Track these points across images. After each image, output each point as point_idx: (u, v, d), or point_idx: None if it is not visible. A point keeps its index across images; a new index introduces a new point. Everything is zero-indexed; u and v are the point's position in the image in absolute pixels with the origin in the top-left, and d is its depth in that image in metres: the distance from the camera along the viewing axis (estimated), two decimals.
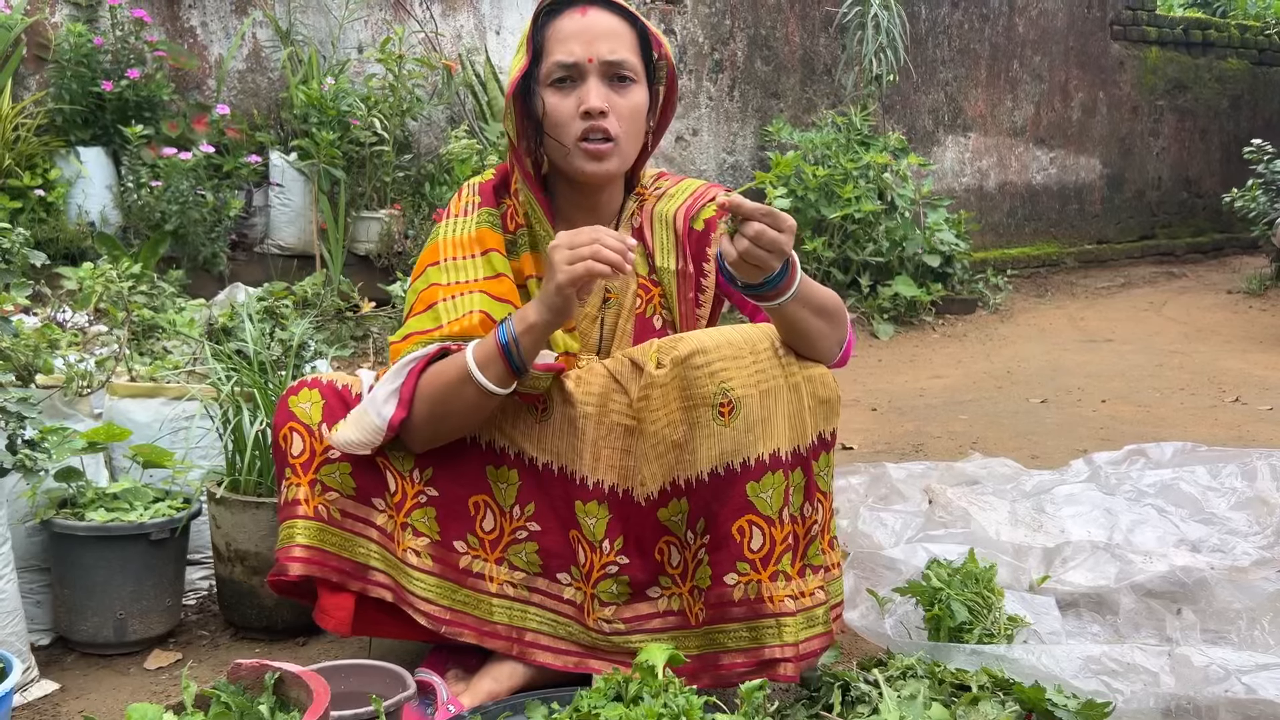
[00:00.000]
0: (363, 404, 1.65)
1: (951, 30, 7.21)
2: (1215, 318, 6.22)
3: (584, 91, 1.66)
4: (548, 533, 1.68)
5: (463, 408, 1.61)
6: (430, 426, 1.64)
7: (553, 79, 1.68)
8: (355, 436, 1.64)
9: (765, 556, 1.53)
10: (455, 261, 1.73)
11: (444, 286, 1.71)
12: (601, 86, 1.66)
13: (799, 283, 1.52)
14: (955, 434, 3.62)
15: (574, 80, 1.67)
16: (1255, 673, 1.58)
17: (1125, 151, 8.34)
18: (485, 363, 1.58)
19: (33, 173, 3.99)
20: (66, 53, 4.17)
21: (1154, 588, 2.00)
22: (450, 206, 1.79)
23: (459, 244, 1.74)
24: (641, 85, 1.70)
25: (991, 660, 1.60)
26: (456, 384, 1.59)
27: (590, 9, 1.68)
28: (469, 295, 1.69)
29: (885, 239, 5.79)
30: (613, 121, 1.66)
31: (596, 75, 1.66)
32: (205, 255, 4.29)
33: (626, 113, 1.68)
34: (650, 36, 1.72)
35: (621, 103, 1.67)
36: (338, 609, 1.68)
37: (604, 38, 1.66)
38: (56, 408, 2.08)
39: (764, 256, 1.45)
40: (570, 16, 1.68)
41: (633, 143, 1.71)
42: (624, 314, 1.76)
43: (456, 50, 5.29)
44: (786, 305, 1.52)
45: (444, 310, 1.68)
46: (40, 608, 1.96)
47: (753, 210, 1.44)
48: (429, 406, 1.62)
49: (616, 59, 1.66)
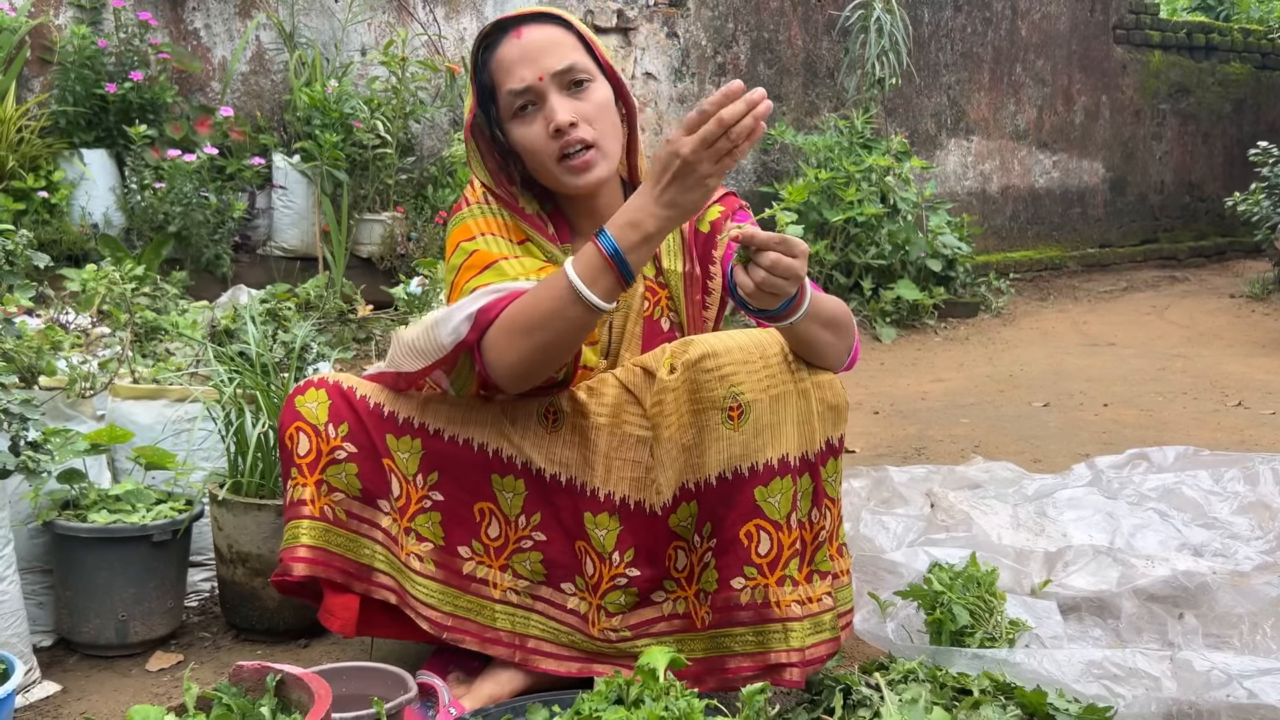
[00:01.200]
0: (435, 315, 1.56)
1: (954, 34, 7.21)
2: (1218, 322, 6.22)
3: (548, 111, 1.64)
4: (553, 543, 1.67)
5: (562, 331, 1.50)
6: (518, 357, 1.53)
7: (513, 110, 1.67)
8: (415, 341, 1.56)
9: (773, 561, 1.52)
10: (493, 238, 1.69)
11: (495, 254, 1.66)
12: (563, 99, 1.64)
13: (810, 300, 1.51)
14: (957, 437, 3.62)
15: (534, 104, 1.65)
16: (1257, 678, 1.58)
17: (1128, 155, 8.34)
18: (592, 277, 1.47)
19: (36, 175, 4.00)
20: (70, 55, 4.18)
21: (1156, 592, 2.00)
22: (466, 195, 1.76)
23: (491, 224, 1.71)
24: (599, 81, 1.68)
25: (993, 664, 1.60)
26: (557, 305, 1.48)
27: (524, 29, 1.67)
28: (527, 261, 1.66)
29: (887, 242, 5.79)
30: (585, 129, 1.65)
31: (554, 89, 1.64)
32: (208, 257, 4.30)
33: (594, 113, 1.66)
34: (585, 38, 1.70)
35: (586, 106, 1.65)
36: (343, 610, 1.68)
37: (546, 51, 1.64)
38: (59, 409, 2.09)
39: (781, 284, 1.42)
40: (508, 44, 1.66)
41: (613, 140, 1.70)
42: (632, 316, 1.76)
43: (459, 53, 5.29)
44: (798, 323, 1.51)
45: (509, 268, 1.63)
46: (42, 609, 1.96)
47: (767, 240, 1.41)
48: (520, 337, 1.51)
49: (565, 65, 1.64)
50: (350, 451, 1.68)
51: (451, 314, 1.53)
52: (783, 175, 6.38)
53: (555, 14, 1.70)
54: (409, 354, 1.59)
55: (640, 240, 1.46)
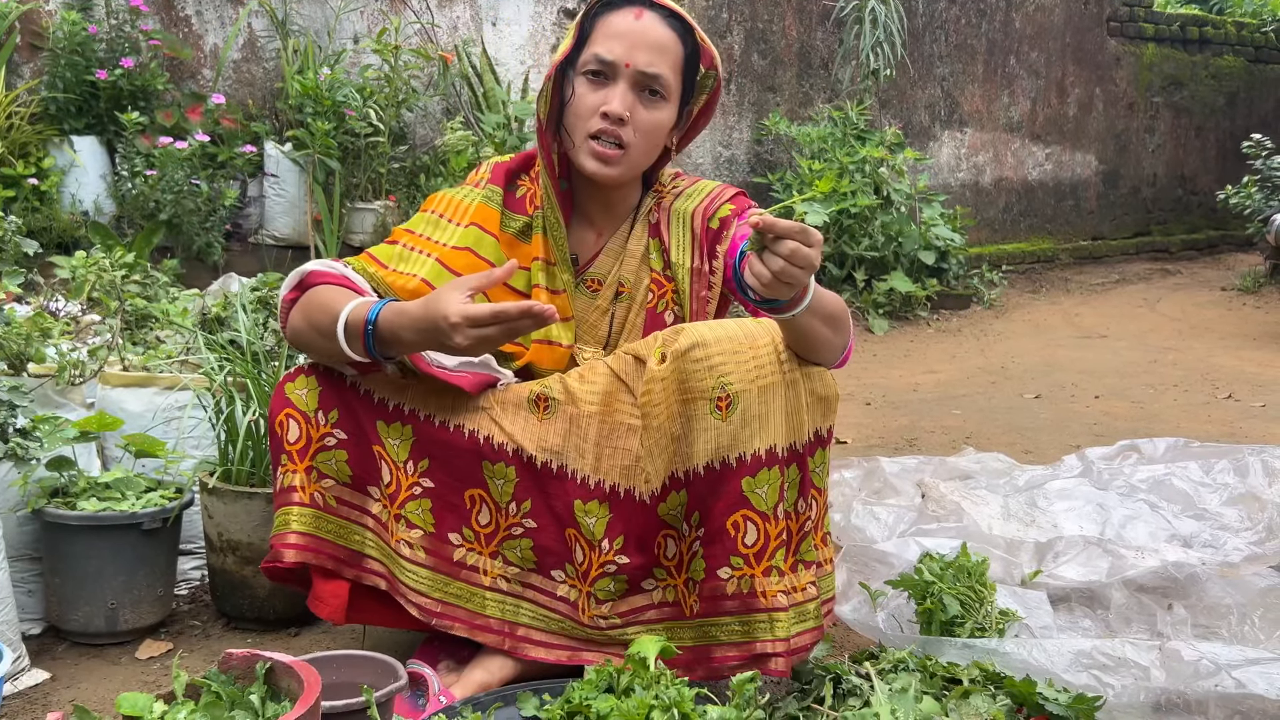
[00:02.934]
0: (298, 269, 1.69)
1: (949, 25, 7.21)
2: (1209, 315, 6.23)
3: (610, 92, 1.67)
4: (543, 530, 1.67)
5: (327, 347, 1.60)
6: (294, 333, 1.66)
7: (587, 69, 1.71)
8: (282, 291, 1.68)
9: (759, 551, 1.52)
10: (440, 219, 1.80)
11: (414, 236, 1.78)
12: (629, 94, 1.68)
13: (813, 293, 1.50)
14: (949, 429, 3.62)
15: (606, 77, 1.69)
16: (1245, 667, 1.59)
17: (1121, 148, 8.35)
18: (352, 334, 1.56)
19: (26, 161, 3.98)
20: (61, 41, 4.16)
21: (1145, 583, 2.01)
22: (468, 177, 1.85)
23: (452, 204, 1.81)
24: (670, 104, 1.73)
25: (983, 654, 1.61)
26: (330, 326, 1.57)
27: (646, 13, 1.70)
28: (423, 257, 1.75)
29: (881, 234, 5.79)
30: (629, 131, 1.68)
31: (627, 81, 1.68)
32: (199, 245, 4.28)
33: (646, 126, 1.70)
34: (702, 51, 1.75)
35: (644, 116, 1.70)
36: (333, 596, 1.68)
37: (647, 48, 1.68)
38: (49, 397, 2.08)
39: (797, 274, 1.41)
40: (624, 14, 1.70)
41: (645, 155, 1.74)
42: (635, 308, 1.78)
43: (453, 41, 5.27)
44: (800, 316, 1.50)
45: (397, 255, 1.76)
46: (32, 597, 1.96)
47: (788, 229, 1.39)
48: (303, 318, 1.63)
49: (652, 72, 1.68)
50: (340, 438, 1.68)
51: (297, 272, 1.66)
52: (776, 166, 6.38)
53: (684, 19, 1.74)
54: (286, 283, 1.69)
55: (391, 340, 1.54)
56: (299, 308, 1.64)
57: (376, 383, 1.70)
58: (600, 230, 1.82)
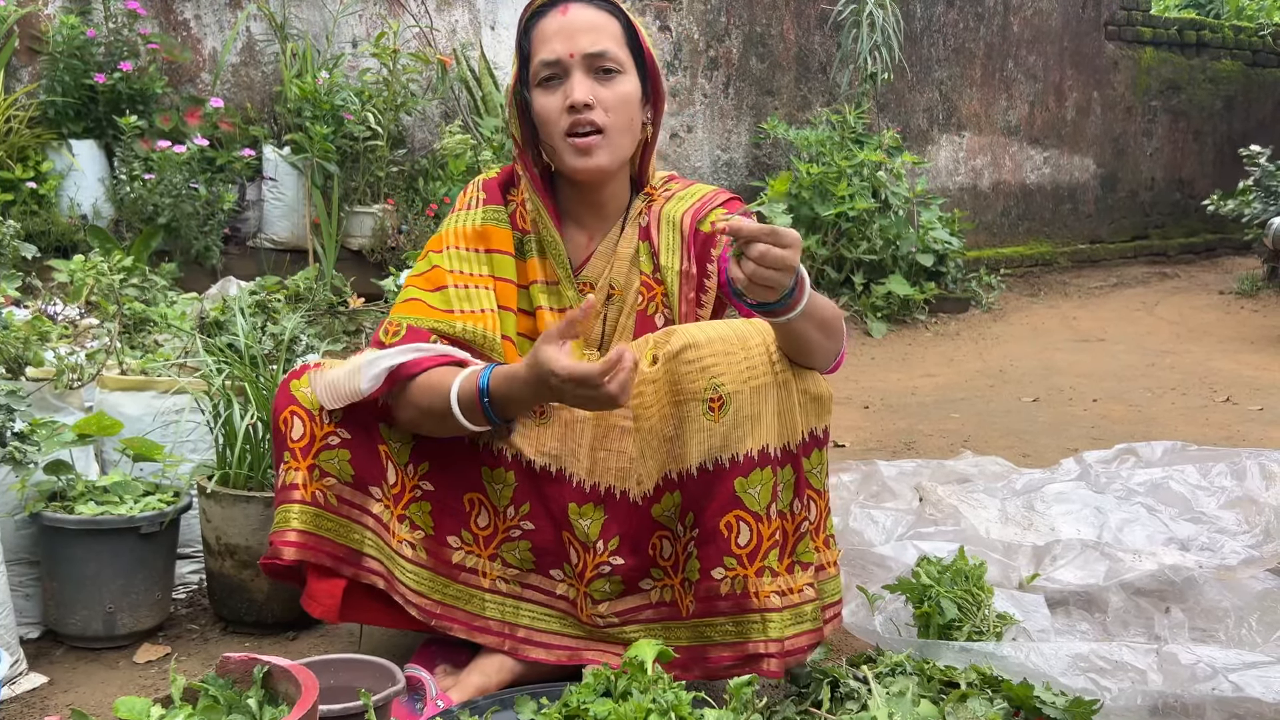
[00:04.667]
0: (359, 360, 1.64)
1: (946, 29, 7.22)
2: (1207, 318, 6.24)
3: (569, 86, 1.68)
4: (541, 532, 1.68)
5: (449, 428, 1.62)
6: (410, 422, 1.66)
7: (540, 79, 1.71)
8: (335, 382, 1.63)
9: (752, 552, 1.53)
10: (459, 251, 1.76)
11: (451, 273, 1.74)
12: (586, 80, 1.68)
13: (808, 298, 1.50)
14: (947, 432, 3.62)
15: (559, 78, 1.70)
16: (1242, 671, 1.59)
17: (1119, 152, 8.36)
18: (468, 407, 1.58)
19: (24, 165, 3.98)
20: (59, 45, 4.16)
21: (1143, 586, 2.01)
22: (455, 202, 1.83)
23: (462, 234, 1.78)
24: (629, 75, 1.72)
25: (980, 657, 1.61)
26: (444, 408, 1.59)
27: (570, 6, 1.71)
28: (482, 290, 1.73)
29: (879, 237, 5.80)
30: (599, 113, 1.68)
31: (580, 69, 1.68)
32: (198, 249, 4.28)
33: (613, 103, 1.69)
34: (635, 29, 1.74)
35: (607, 94, 1.69)
36: (326, 595, 1.68)
37: (584, 31, 1.69)
38: (47, 400, 2.08)
39: (772, 276, 1.42)
40: (552, 16, 1.71)
41: (624, 135, 1.72)
42: (626, 310, 1.78)
43: (451, 45, 5.28)
44: (794, 320, 1.50)
45: (455, 297, 1.71)
46: (29, 601, 1.95)
47: (755, 232, 1.40)
48: (416, 411, 1.63)
49: (598, 50, 1.68)
50: (344, 438, 1.68)
51: (376, 362, 1.61)
52: (774, 169, 6.38)
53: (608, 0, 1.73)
54: (328, 392, 1.64)
55: (504, 404, 1.56)
56: (406, 405, 1.63)
57: None
58: (591, 233, 1.82)
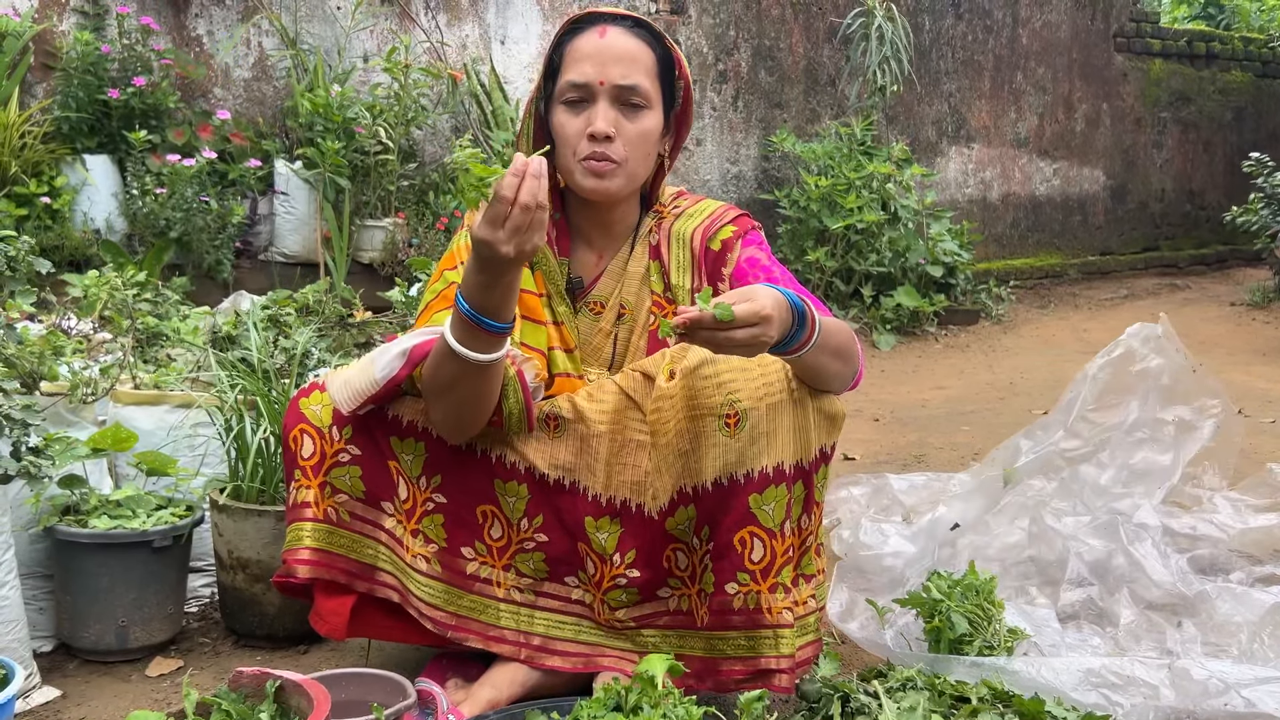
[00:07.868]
0: (371, 354, 1.62)
1: (955, 42, 7.23)
2: (1218, 330, 6.22)
3: (593, 113, 1.67)
4: (554, 543, 1.68)
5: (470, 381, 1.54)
6: (443, 414, 1.61)
7: (565, 97, 1.70)
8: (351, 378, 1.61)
9: (766, 568, 1.53)
10: None
11: None
12: (610, 110, 1.67)
13: (820, 332, 1.48)
14: (957, 445, 3.62)
15: (585, 101, 1.69)
16: (1255, 686, 1.58)
17: (1128, 163, 8.35)
18: (461, 334, 1.50)
19: (39, 180, 4.00)
20: (74, 60, 4.19)
21: (1155, 600, 2.00)
22: (465, 218, 1.81)
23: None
24: (654, 110, 1.71)
25: (991, 672, 1.61)
26: (450, 363, 1.52)
27: (610, 29, 1.70)
28: None
29: (888, 249, 5.80)
30: (618, 146, 1.68)
31: (606, 98, 1.67)
32: (210, 263, 4.30)
33: (634, 137, 1.69)
34: (674, 58, 1.74)
35: (630, 128, 1.69)
36: (332, 614, 1.68)
37: (618, 61, 1.67)
38: (61, 415, 2.09)
39: (745, 350, 1.39)
40: (588, 36, 1.70)
41: (640, 165, 1.73)
42: (637, 330, 1.78)
43: (461, 60, 5.31)
44: (805, 356, 1.50)
45: None
46: (43, 614, 1.96)
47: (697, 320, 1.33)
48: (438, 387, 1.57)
49: (628, 84, 1.67)
50: (354, 454, 1.68)
51: (387, 350, 1.58)
52: (783, 182, 6.39)
53: (649, 26, 1.73)
54: (343, 390, 1.63)
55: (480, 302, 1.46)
56: (429, 390, 1.58)
57: (390, 399, 1.71)
58: (601, 252, 1.82)
